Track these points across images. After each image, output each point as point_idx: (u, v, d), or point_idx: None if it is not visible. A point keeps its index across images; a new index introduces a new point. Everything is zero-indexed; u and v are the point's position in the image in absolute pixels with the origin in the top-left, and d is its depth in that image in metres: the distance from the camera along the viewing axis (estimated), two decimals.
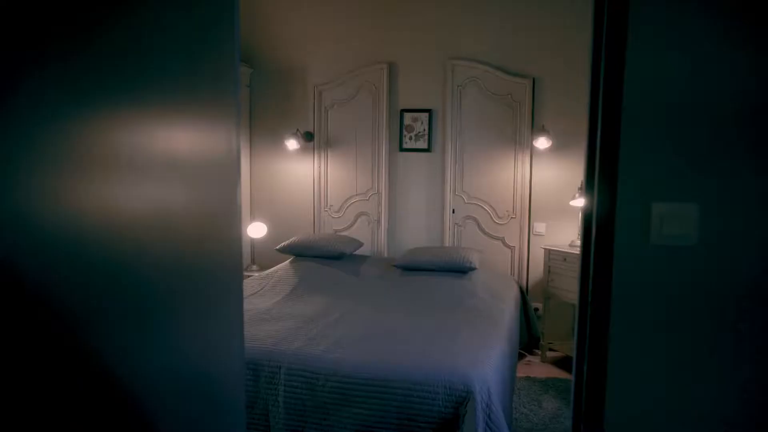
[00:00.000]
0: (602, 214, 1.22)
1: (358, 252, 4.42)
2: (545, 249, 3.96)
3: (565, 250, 3.80)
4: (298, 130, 4.64)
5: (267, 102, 4.85)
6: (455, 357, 2.54)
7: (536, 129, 4.14)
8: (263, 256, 4.87)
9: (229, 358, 1.18)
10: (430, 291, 3.62)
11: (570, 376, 3.66)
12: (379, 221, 4.57)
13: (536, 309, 4.27)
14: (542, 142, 4.00)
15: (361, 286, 3.79)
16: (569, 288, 3.77)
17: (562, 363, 3.93)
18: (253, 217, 4.92)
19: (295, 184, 4.84)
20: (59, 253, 0.72)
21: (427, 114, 4.42)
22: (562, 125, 4.11)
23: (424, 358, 2.52)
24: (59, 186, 0.71)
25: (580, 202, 3.82)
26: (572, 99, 4.08)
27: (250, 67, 4.80)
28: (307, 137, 4.69)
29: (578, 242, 3.93)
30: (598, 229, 1.22)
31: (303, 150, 4.75)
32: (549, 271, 3.94)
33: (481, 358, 2.57)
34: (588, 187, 1.27)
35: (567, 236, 4.14)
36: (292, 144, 4.58)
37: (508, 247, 4.30)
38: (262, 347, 2.65)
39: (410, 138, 4.48)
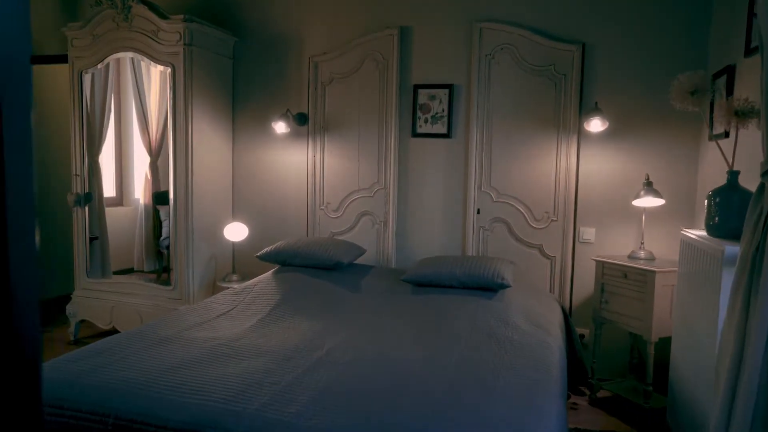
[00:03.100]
0: None
1: (359, 261, 3.58)
2: (598, 261, 3.08)
3: (625, 264, 2.92)
4: (288, 110, 3.81)
5: (253, 77, 4.03)
6: (494, 427, 1.68)
7: (586, 108, 3.26)
8: (246, 263, 4.05)
9: None
10: (450, 315, 2.77)
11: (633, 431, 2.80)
12: (385, 223, 3.72)
13: (582, 336, 3.39)
14: (595, 125, 3.12)
15: (359, 307, 2.94)
16: (631, 313, 2.89)
17: (615, 406, 3.06)
18: (234, 216, 4.09)
19: (285, 176, 4.01)
20: None
21: (446, 91, 3.57)
22: (621, 104, 3.24)
23: (446, 428, 1.67)
24: None
25: (647, 201, 2.94)
26: (636, 69, 3.21)
27: (233, 35, 3.98)
28: (300, 120, 3.86)
29: (641, 253, 3.05)
30: None
31: (295, 135, 3.92)
32: (603, 290, 3.06)
33: (532, 428, 1.71)
34: None
35: (625, 245, 3.26)
36: (280, 127, 3.75)
37: (547, 257, 3.43)
38: (208, 405, 1.81)
39: (426, 120, 3.63)
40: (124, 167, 4.86)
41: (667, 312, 2.75)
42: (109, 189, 4.69)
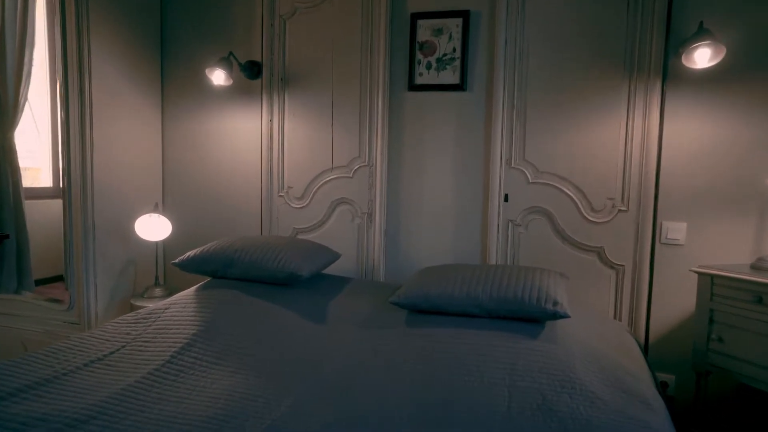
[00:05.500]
0: None
1: (329, 270, 2.45)
2: (703, 274, 1.94)
3: (759, 279, 1.77)
4: (231, 54, 2.67)
5: (190, 13, 2.89)
6: None
7: (678, 36, 2.13)
8: (179, 272, 2.90)
9: None
10: (471, 370, 1.62)
11: None
12: (370, 215, 2.59)
13: (664, 384, 2.25)
14: (701, 57, 1.97)
15: (320, 352, 1.80)
16: None
17: None
18: (165, 207, 2.96)
19: (232, 150, 2.87)
20: None
21: (459, 21, 2.43)
22: (738, 30, 2.07)
23: None
24: None
25: None
26: None
27: None
28: (250, 71, 2.73)
29: None
30: None
31: (244, 92, 2.79)
32: (711, 321, 1.92)
33: None
34: None
35: (738, 249, 2.12)
36: (218, 77, 2.61)
37: (612, 265, 2.29)
38: None
39: (429, 66, 2.49)
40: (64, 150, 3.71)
41: None
42: (46, 177, 3.57)
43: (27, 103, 3.10)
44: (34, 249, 3.10)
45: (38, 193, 3.35)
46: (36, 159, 3.58)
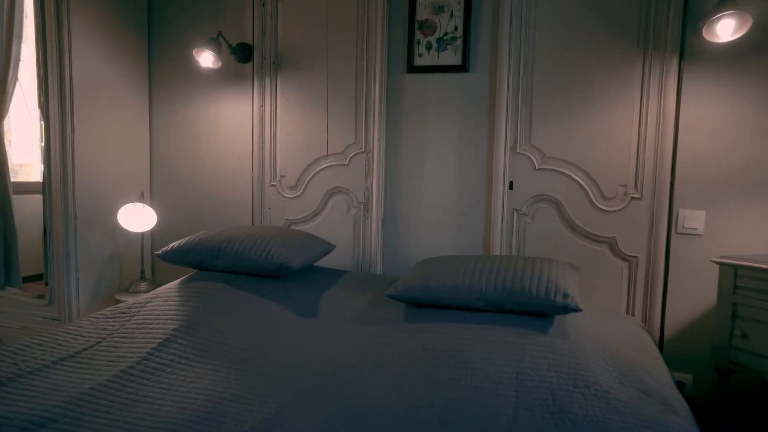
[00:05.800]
0: None
1: (323, 263, 2.31)
2: (725, 264, 1.79)
3: None
4: (220, 34, 2.53)
5: None
6: None
7: (695, 11, 1.98)
8: (167, 265, 2.77)
9: None
10: (474, 368, 1.47)
11: None
12: (367, 205, 2.44)
13: (680, 385, 2.10)
14: (723, 30, 1.82)
15: (311, 348, 1.66)
16: None
17: None
18: (152, 195, 2.82)
19: (222, 136, 2.73)
20: None
21: None
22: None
23: None
24: None
25: None
26: None
27: None
28: (241, 54, 2.58)
29: None
30: None
31: (234, 77, 2.65)
32: (735, 315, 1.77)
33: None
34: None
35: (761, 239, 1.97)
36: (206, 59, 2.47)
37: (624, 257, 2.14)
38: None
39: (429, 46, 2.35)
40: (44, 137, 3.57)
41: None
42: (37, 172, 3.43)
43: (22, 97, 2.94)
44: (23, 245, 2.96)
45: (28, 188, 3.21)
46: (29, 155, 3.45)
